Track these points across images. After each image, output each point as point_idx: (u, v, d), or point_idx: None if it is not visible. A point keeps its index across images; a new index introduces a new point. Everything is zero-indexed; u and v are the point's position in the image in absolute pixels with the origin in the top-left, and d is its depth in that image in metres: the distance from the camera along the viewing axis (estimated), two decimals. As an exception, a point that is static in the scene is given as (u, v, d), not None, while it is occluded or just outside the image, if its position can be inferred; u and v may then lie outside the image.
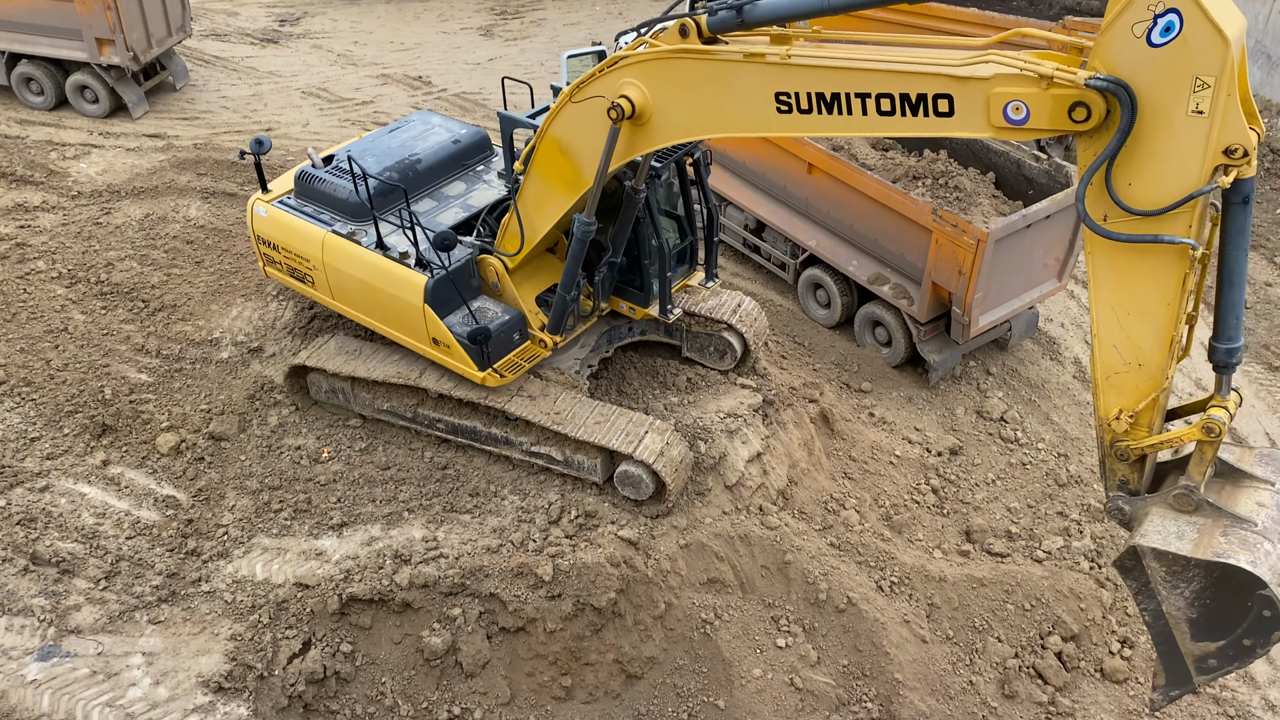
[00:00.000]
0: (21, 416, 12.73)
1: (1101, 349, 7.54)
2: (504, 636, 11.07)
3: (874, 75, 7.82)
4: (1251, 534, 7.27)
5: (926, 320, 15.41)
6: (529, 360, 11.92)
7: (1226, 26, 6.31)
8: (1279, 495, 7.59)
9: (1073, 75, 6.85)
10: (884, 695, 11.31)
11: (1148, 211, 6.87)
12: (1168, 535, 7.48)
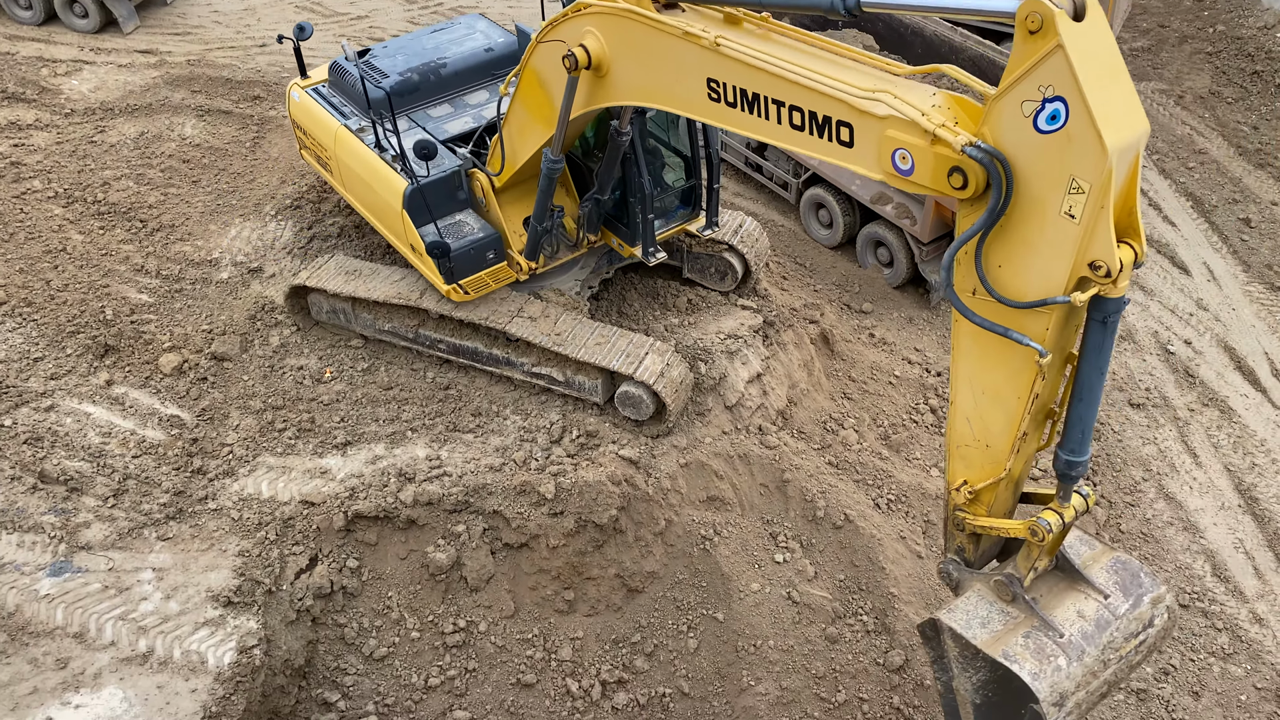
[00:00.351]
0: (24, 337, 12.76)
1: (954, 418, 7.28)
2: (507, 552, 11.27)
3: (788, 84, 7.24)
4: (1052, 643, 7.14)
5: (929, 240, 15.33)
6: (499, 281, 11.92)
7: (1113, 133, 5.61)
8: (1106, 611, 7.39)
9: (954, 136, 6.17)
10: (879, 608, 11.56)
11: (1010, 301, 6.32)
12: (972, 620, 7.44)
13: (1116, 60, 5.76)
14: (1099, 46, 5.67)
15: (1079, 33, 5.59)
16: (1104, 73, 5.67)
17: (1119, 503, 13.74)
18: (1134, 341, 15.94)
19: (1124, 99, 5.72)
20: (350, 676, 10.65)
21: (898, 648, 11.36)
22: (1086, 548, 7.72)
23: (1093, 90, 5.59)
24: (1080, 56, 5.57)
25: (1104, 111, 5.60)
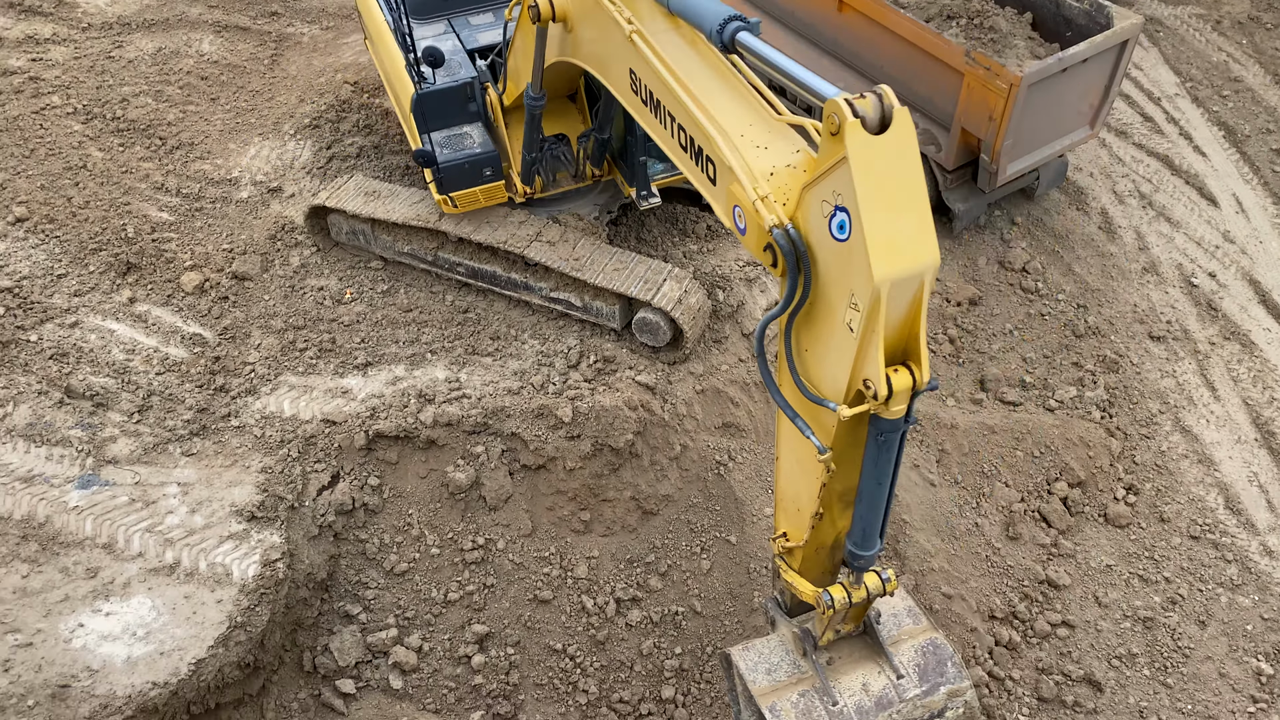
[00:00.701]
0: (47, 253, 12.85)
1: (778, 471, 7.20)
2: (525, 473, 11.44)
3: (677, 102, 6.84)
4: (823, 709, 7.15)
5: (953, 168, 15.11)
6: (491, 199, 11.93)
7: (885, 263, 5.25)
8: (894, 691, 7.33)
9: (767, 214, 5.82)
10: (890, 535, 11.71)
11: (803, 389, 6.16)
12: (760, 664, 7.52)
13: (915, 183, 5.35)
14: (897, 166, 5.29)
15: (874, 147, 5.24)
16: (895, 195, 5.29)
17: (1134, 435, 13.76)
18: (1157, 274, 15.78)
19: (913, 228, 5.34)
20: (371, 590, 10.93)
21: (908, 573, 11.53)
22: (910, 621, 7.69)
23: (873, 213, 5.24)
24: (867, 174, 5.22)
25: (881, 238, 5.26)
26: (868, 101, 5.34)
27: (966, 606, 11.64)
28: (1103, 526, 12.96)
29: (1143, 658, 11.81)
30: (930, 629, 7.67)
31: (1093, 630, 12.00)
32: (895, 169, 5.29)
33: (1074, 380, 14.35)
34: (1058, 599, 12.22)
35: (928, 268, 5.40)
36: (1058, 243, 16.05)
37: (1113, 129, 17.96)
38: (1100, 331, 14.95)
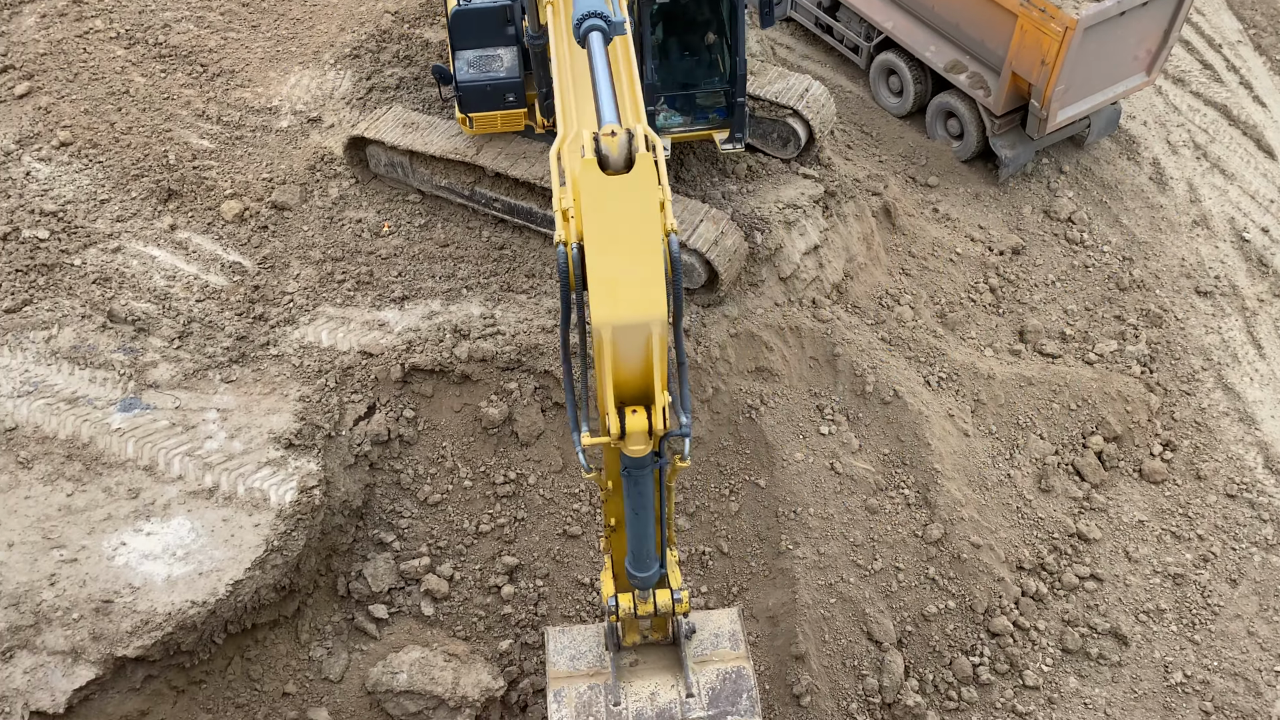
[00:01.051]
0: (90, 178, 12.96)
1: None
2: (556, 411, 11.51)
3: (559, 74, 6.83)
4: (605, 707, 7.35)
5: (1002, 113, 14.76)
6: (508, 125, 12.02)
7: (606, 307, 5.26)
8: (678, 707, 7.41)
9: (562, 227, 5.66)
10: (921, 483, 11.69)
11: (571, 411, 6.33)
12: (568, 647, 7.85)
13: (649, 231, 5.16)
14: (631, 210, 5.12)
15: (607, 189, 5.11)
16: (625, 240, 5.15)
17: (1174, 391, 13.57)
18: (1207, 227, 15.41)
19: (641, 277, 5.19)
20: (405, 519, 11.11)
21: (938, 521, 11.53)
22: (729, 645, 7.81)
23: (598, 254, 5.14)
24: (597, 214, 5.09)
25: (603, 281, 5.18)
26: (615, 140, 5.17)
27: (994, 556, 11.64)
28: (1137, 482, 12.85)
29: (1171, 614, 11.78)
30: (743, 658, 7.73)
31: (1121, 585, 11.97)
32: (628, 213, 5.14)
33: (1115, 334, 14.13)
34: (1087, 552, 12.18)
35: (653, 320, 5.29)
36: (1106, 193, 15.69)
37: (1170, 76, 17.42)
38: (1145, 285, 14.67)
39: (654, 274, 5.27)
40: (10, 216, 12.28)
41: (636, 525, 6.76)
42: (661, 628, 7.77)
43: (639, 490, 6.45)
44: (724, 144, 11.68)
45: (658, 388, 5.68)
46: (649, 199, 5.21)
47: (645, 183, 5.22)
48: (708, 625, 8.01)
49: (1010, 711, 11.13)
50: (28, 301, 11.59)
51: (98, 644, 9.11)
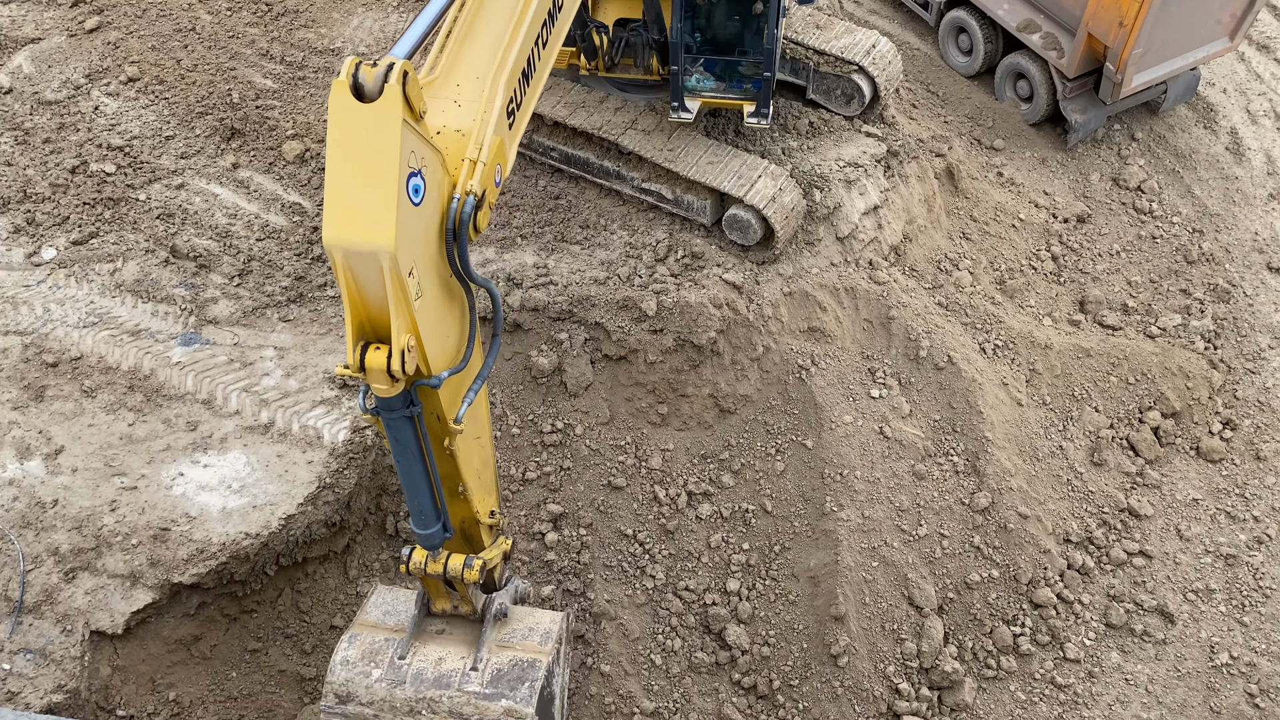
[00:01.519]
0: (156, 114, 13.14)
1: None
2: (606, 363, 11.55)
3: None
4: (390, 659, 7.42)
5: (1075, 76, 14.34)
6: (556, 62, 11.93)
7: (333, 228, 5.32)
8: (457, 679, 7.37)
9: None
10: (971, 451, 11.58)
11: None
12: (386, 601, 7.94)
13: (388, 162, 5.23)
14: (374, 141, 5.20)
15: (352, 113, 5.23)
16: (365, 168, 5.22)
17: (1239, 369, 13.23)
18: (1285, 201, 14.91)
19: (373, 206, 5.23)
20: (452, 464, 11.27)
21: (985, 490, 11.42)
22: (537, 640, 7.71)
23: (337, 180, 5.23)
24: (342, 138, 5.23)
25: (338, 204, 5.26)
26: (372, 71, 5.24)
27: (1041, 528, 11.52)
28: (1193, 460, 12.60)
29: (1220, 594, 11.60)
30: (545, 654, 7.67)
31: (1170, 562, 11.80)
32: (372, 142, 5.22)
33: (1180, 308, 13.78)
34: (1137, 528, 12.01)
35: (381, 250, 5.31)
36: (1179, 162, 15.21)
37: (1254, 42, 16.75)
38: (1214, 259, 14.26)
39: (385, 204, 5.30)
40: (79, 150, 12.51)
41: (404, 477, 6.69)
42: (466, 600, 7.68)
43: (394, 436, 6.37)
44: (749, 117, 11.38)
45: (394, 326, 5.64)
46: (390, 129, 5.25)
47: (388, 112, 5.27)
48: (526, 619, 7.97)
49: (1049, 683, 11.08)
50: (94, 234, 11.84)
51: (155, 569, 9.42)
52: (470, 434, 7.09)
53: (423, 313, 5.89)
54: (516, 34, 6.97)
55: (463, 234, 6.11)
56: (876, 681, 10.80)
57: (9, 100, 13.03)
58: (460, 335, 6.66)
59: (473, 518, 7.62)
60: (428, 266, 5.97)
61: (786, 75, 12.94)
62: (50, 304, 11.11)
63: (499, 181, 6.61)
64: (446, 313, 6.41)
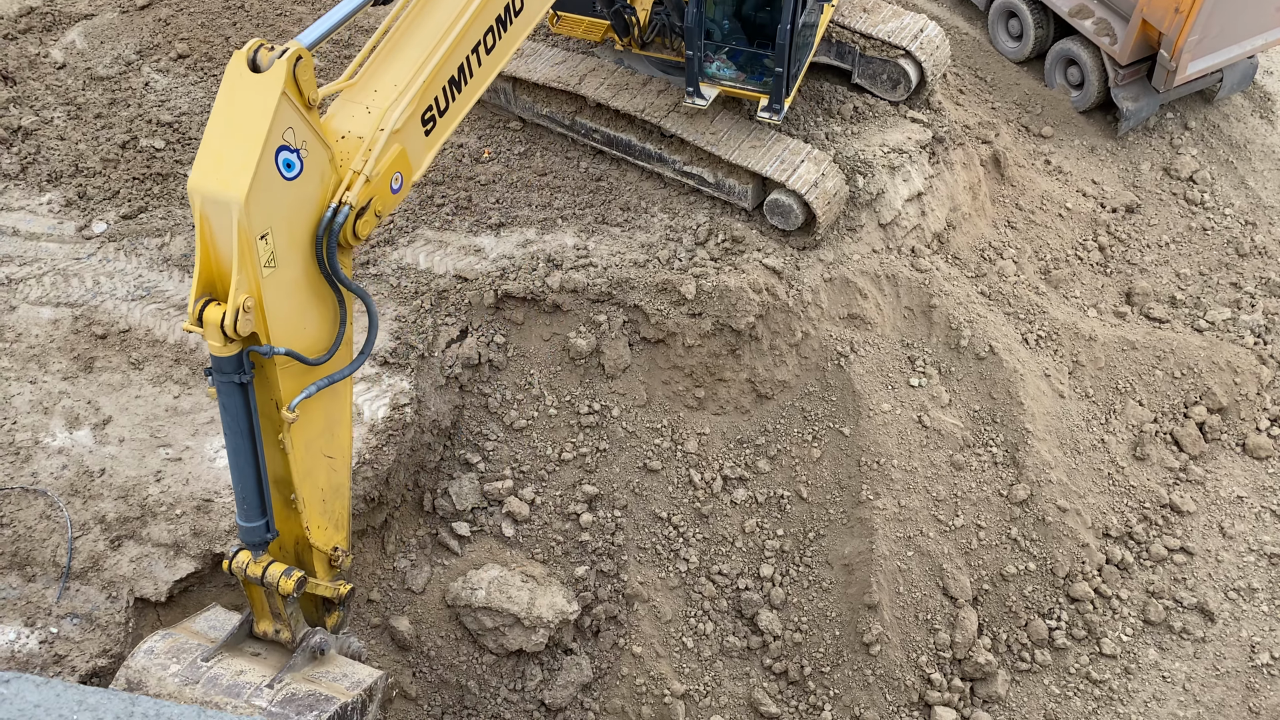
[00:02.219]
0: (204, 91, 13.30)
1: None
2: (644, 346, 11.56)
3: None
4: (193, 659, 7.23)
5: (1128, 63, 14.06)
6: (587, 34, 12.16)
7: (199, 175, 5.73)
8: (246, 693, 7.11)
9: None
10: (1011, 442, 11.46)
11: None
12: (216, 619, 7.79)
13: (259, 126, 5.69)
14: (253, 105, 5.70)
15: (242, 80, 5.74)
16: (238, 127, 5.70)
17: None
18: (1342, 194, 14.55)
19: (237, 160, 5.66)
20: (491, 442, 11.36)
21: (1024, 482, 11.31)
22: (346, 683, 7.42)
23: (213, 133, 5.75)
24: (226, 101, 5.77)
25: (207, 154, 5.72)
26: (268, 55, 5.77)
27: (1080, 521, 11.39)
28: (1239, 456, 12.39)
29: (1263, 593, 11.42)
30: (346, 695, 7.42)
31: (1212, 560, 11.63)
32: (251, 106, 5.70)
33: (1230, 301, 13.52)
34: (1179, 525, 11.84)
35: (233, 201, 5.65)
36: (1233, 152, 14.88)
37: (1315, 30, 16.33)
38: (1267, 252, 13.95)
39: (247, 160, 5.67)
40: (129, 125, 12.70)
41: (230, 455, 6.55)
42: (287, 625, 7.43)
43: (222, 403, 6.31)
44: (762, 111, 11.20)
45: (234, 280, 5.80)
46: (269, 98, 5.68)
47: (271, 84, 5.69)
48: (344, 667, 7.72)
49: (1084, 678, 10.99)
50: (143, 209, 12.03)
51: (198, 539, 9.60)
52: (317, 445, 6.97)
53: (274, 284, 6.05)
54: (445, 41, 7.13)
55: (332, 240, 6.32)
56: (909, 671, 10.77)
57: (62, 75, 13.26)
58: (326, 331, 6.70)
59: (305, 540, 7.29)
60: (289, 243, 6.16)
61: (832, 59, 12.82)
62: (100, 277, 11.32)
63: (397, 189, 6.82)
64: (309, 300, 6.49)
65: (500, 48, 7.82)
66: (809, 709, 10.77)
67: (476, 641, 10.63)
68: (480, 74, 7.65)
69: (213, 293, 5.99)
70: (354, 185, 6.40)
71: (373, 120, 6.64)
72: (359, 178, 6.43)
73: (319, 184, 6.22)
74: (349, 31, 14.10)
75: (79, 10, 14.07)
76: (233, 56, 5.80)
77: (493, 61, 7.79)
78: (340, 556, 7.64)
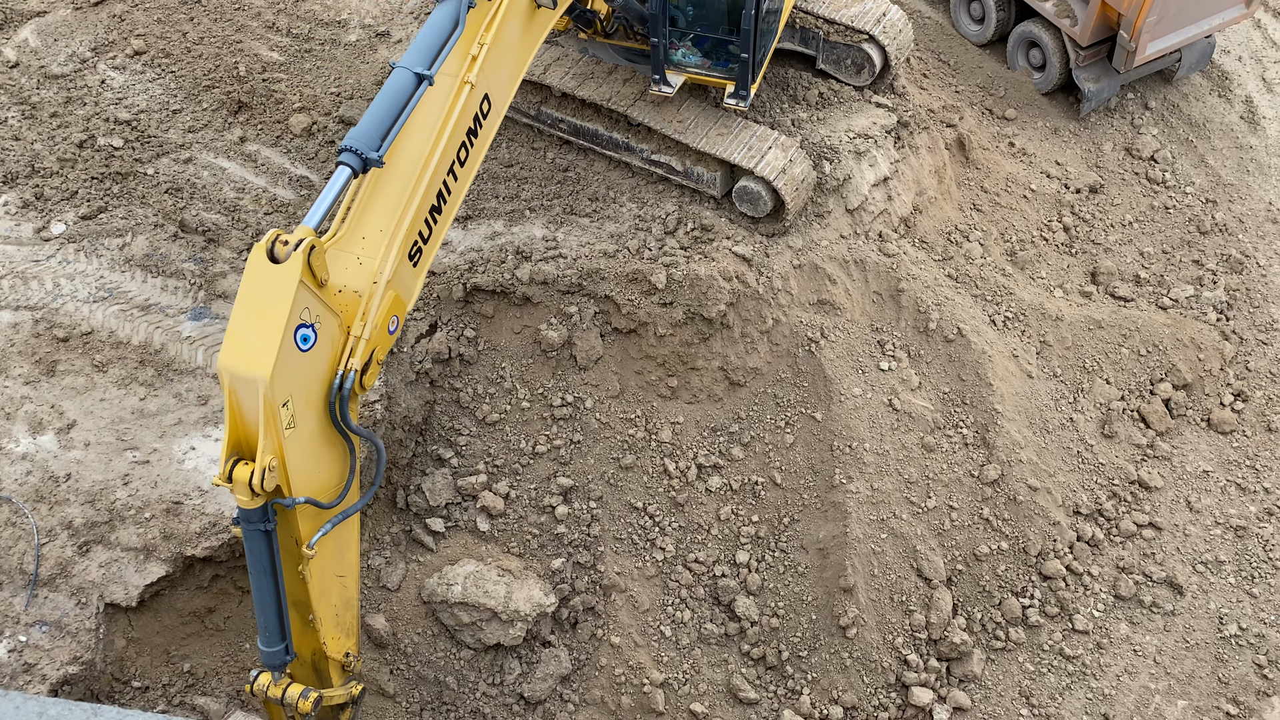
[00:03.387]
0: (163, 88, 13.09)
1: None
2: (616, 336, 11.54)
3: None
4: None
5: (1088, 44, 14.18)
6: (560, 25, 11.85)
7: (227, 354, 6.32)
8: None
9: None
10: (981, 423, 11.57)
11: None
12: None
13: (280, 312, 6.29)
14: (275, 293, 6.30)
15: (263, 272, 6.31)
16: (261, 313, 6.31)
17: (1251, 340, 13.17)
18: (1300, 171, 14.77)
19: (261, 343, 6.28)
20: (464, 437, 11.31)
21: (995, 462, 11.42)
22: None
23: (239, 318, 6.36)
24: (250, 289, 6.34)
25: (236, 336, 6.35)
26: (285, 248, 6.32)
27: (1051, 500, 11.52)
28: (1204, 431, 12.57)
29: (1230, 565, 11.61)
30: None
31: (1180, 534, 11.80)
32: (272, 295, 6.31)
33: (1193, 279, 13.70)
34: (1147, 500, 12.00)
35: (259, 379, 6.29)
36: (1193, 131, 15.07)
37: (1270, 8, 16.54)
38: (1228, 229, 14.15)
39: (270, 343, 6.30)
40: (86, 124, 12.49)
41: (254, 591, 7.20)
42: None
43: (249, 547, 6.94)
44: (728, 98, 11.19)
45: (260, 446, 6.45)
46: (288, 287, 6.29)
47: (289, 275, 6.30)
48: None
49: (1058, 654, 11.13)
50: (103, 209, 11.84)
51: (168, 543, 9.49)
52: (330, 569, 7.56)
53: (294, 442, 6.66)
54: (424, 174, 7.46)
55: (343, 401, 6.95)
56: (885, 653, 10.87)
57: (15, 74, 13.00)
58: (340, 472, 7.32)
59: (322, 652, 7.87)
60: (306, 405, 6.76)
61: (796, 45, 12.82)
62: (60, 279, 11.13)
63: (394, 330, 7.37)
64: (324, 448, 7.10)
65: (472, 157, 8.16)
66: (787, 694, 10.84)
67: (454, 637, 10.60)
68: (456, 190, 8.02)
69: (240, 452, 6.60)
70: (356, 350, 6.97)
71: (365, 274, 7.12)
72: (359, 341, 7.00)
73: (330, 348, 6.85)
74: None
75: (31, 8, 13.80)
76: (253, 249, 6.34)
77: (466, 174, 8.12)
78: (352, 661, 8.27)
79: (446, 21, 7.61)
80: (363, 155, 6.95)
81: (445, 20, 7.61)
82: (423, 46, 7.45)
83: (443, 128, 7.62)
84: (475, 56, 7.86)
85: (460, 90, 7.73)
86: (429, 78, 7.27)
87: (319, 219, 6.75)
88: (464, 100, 7.73)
